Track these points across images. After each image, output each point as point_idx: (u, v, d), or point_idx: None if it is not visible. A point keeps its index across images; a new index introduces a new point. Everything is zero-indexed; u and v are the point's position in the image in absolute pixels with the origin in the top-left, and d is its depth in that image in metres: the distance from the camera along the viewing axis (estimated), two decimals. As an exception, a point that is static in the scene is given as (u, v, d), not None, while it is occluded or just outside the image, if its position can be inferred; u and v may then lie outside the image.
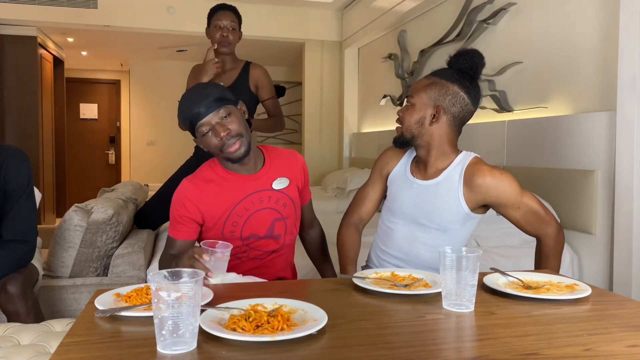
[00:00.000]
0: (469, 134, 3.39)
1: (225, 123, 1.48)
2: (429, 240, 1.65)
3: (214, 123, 1.48)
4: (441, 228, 1.62)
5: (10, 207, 1.79)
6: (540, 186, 2.67)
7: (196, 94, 1.50)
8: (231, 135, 1.48)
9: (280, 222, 1.64)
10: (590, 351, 0.92)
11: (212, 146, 1.50)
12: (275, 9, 5.57)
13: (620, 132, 2.24)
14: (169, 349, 0.89)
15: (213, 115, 1.47)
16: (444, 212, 1.60)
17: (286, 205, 1.64)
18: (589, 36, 2.56)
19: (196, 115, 1.47)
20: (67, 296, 2.18)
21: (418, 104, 1.59)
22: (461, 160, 1.62)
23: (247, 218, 1.58)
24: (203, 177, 1.58)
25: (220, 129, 1.47)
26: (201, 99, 1.47)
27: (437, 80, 1.59)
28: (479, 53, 1.61)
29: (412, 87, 1.63)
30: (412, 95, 1.61)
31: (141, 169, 7.38)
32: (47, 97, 5.98)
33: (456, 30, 3.61)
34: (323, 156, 5.92)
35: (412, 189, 1.66)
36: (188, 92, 1.55)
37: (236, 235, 1.59)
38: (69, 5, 5.00)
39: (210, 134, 1.49)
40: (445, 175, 1.61)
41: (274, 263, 1.70)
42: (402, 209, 1.68)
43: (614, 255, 2.29)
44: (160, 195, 2.87)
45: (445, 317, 1.10)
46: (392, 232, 1.71)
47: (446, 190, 1.60)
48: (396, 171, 1.73)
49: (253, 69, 2.79)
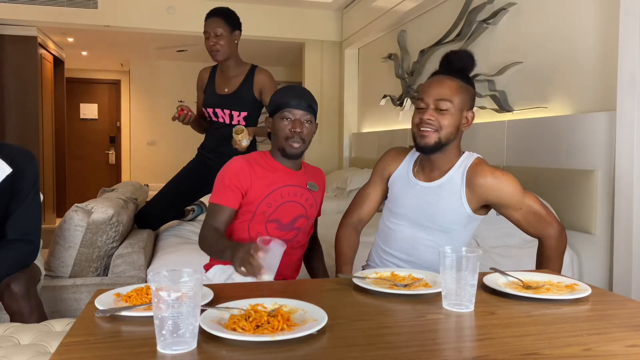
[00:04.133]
0: (469, 134, 3.39)
1: (306, 125, 1.72)
2: (431, 242, 1.65)
3: (299, 117, 1.71)
4: (443, 229, 1.63)
5: (15, 207, 1.79)
6: (540, 186, 2.67)
7: (307, 93, 1.75)
8: (301, 137, 1.71)
9: (302, 219, 1.79)
10: (590, 351, 0.92)
11: (283, 131, 1.71)
12: (275, 9, 5.57)
13: (620, 132, 2.24)
14: (169, 348, 0.89)
15: (303, 113, 1.71)
16: (446, 214, 1.60)
17: (312, 206, 1.81)
18: (589, 36, 2.56)
19: (295, 103, 1.71)
20: (67, 296, 2.18)
21: (452, 109, 1.56)
22: (464, 161, 1.62)
23: (280, 204, 1.74)
24: (254, 159, 1.77)
25: (300, 126, 1.70)
26: (306, 98, 1.73)
27: (461, 83, 1.58)
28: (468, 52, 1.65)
29: (440, 90, 1.56)
30: (449, 99, 1.55)
31: (141, 169, 7.38)
32: (47, 97, 5.98)
33: (456, 30, 3.61)
34: (323, 156, 5.91)
35: (414, 190, 1.66)
36: (302, 87, 1.80)
37: (266, 216, 1.73)
38: (69, 5, 5.00)
39: (287, 122, 1.71)
40: (448, 177, 1.61)
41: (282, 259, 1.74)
42: (404, 211, 1.68)
43: (614, 255, 2.28)
44: (162, 195, 2.87)
45: (445, 317, 1.10)
46: (393, 232, 1.71)
47: (449, 192, 1.60)
48: (398, 173, 1.73)
49: (258, 74, 2.74)
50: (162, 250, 2.56)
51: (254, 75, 2.74)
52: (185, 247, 2.53)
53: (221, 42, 2.67)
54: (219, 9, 2.72)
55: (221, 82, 2.80)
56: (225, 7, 2.74)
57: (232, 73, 2.77)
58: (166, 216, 2.91)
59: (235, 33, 2.72)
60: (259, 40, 5.63)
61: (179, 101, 7.14)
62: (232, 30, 2.71)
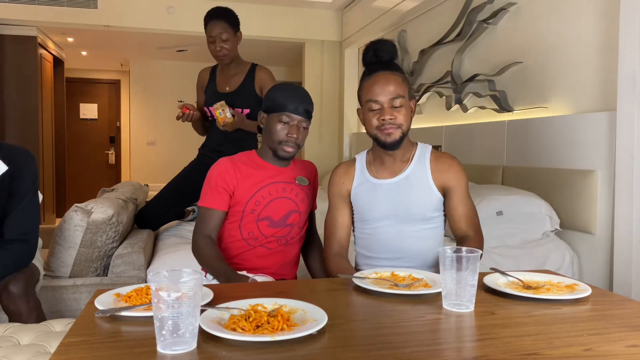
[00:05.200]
0: (469, 134, 3.40)
1: (301, 131, 1.73)
2: (416, 232, 1.66)
3: (296, 123, 1.71)
4: (425, 219, 1.66)
5: (13, 207, 1.79)
6: (540, 186, 2.67)
7: (305, 97, 1.74)
8: (296, 142, 1.71)
9: (295, 214, 1.79)
10: (590, 351, 0.92)
11: (278, 133, 1.70)
12: (276, 9, 5.57)
13: (620, 132, 2.24)
14: (169, 349, 0.89)
15: (301, 119, 1.72)
16: (422, 204, 1.64)
17: (304, 200, 1.82)
18: (589, 36, 2.56)
19: (294, 108, 1.70)
20: (67, 296, 2.18)
21: (404, 102, 1.61)
22: (421, 152, 1.69)
23: (268, 201, 1.75)
24: (240, 159, 1.79)
25: (296, 131, 1.71)
26: (305, 103, 1.72)
27: (401, 75, 1.64)
28: (388, 40, 1.70)
29: (390, 88, 1.60)
30: (401, 95, 1.60)
31: (141, 169, 7.38)
32: (47, 97, 5.98)
33: (456, 30, 3.61)
34: (323, 156, 5.91)
35: (382, 190, 1.67)
36: (301, 88, 1.78)
37: (256, 214, 1.74)
38: (69, 5, 5.00)
39: (285, 125, 1.70)
40: (412, 168, 1.66)
41: (277, 257, 1.79)
42: (379, 213, 1.67)
43: (614, 255, 2.28)
44: (162, 195, 2.87)
45: (445, 317, 1.10)
46: (375, 237, 1.70)
47: (417, 181, 1.65)
48: (356, 185, 1.72)
49: (259, 72, 2.76)
50: (162, 250, 2.56)
51: (254, 73, 2.76)
52: (185, 247, 2.53)
53: (227, 45, 2.69)
54: (221, 11, 2.71)
55: (222, 81, 2.81)
56: (225, 8, 2.73)
57: (232, 72, 2.78)
58: (166, 216, 2.91)
59: (238, 34, 2.75)
60: (259, 40, 5.62)
61: (179, 101, 7.14)
62: (236, 32, 2.73)
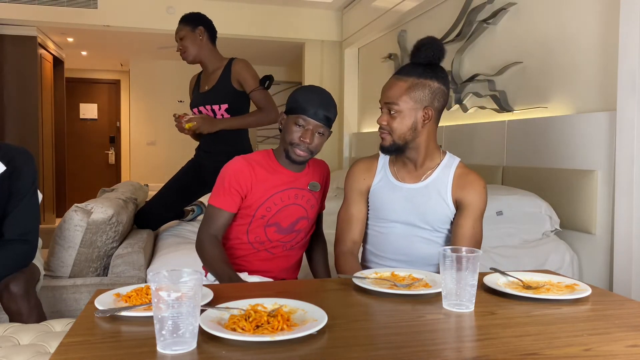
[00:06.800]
0: (470, 134, 3.40)
1: (317, 136, 1.66)
2: (427, 237, 1.66)
3: (312, 128, 1.64)
4: (435, 229, 1.65)
5: (13, 207, 1.79)
6: (540, 186, 2.67)
7: (327, 102, 1.66)
8: (309, 148, 1.65)
9: (303, 221, 1.76)
10: (590, 351, 0.92)
11: (292, 136, 1.64)
12: (276, 9, 5.57)
13: (620, 132, 2.24)
14: (169, 349, 0.89)
15: (318, 124, 1.64)
16: (435, 214, 1.62)
17: (314, 207, 1.78)
18: (589, 36, 2.56)
19: (313, 112, 1.63)
20: (67, 296, 2.18)
21: (405, 110, 1.57)
22: (448, 162, 1.65)
23: (280, 208, 1.70)
24: (256, 160, 1.72)
25: (310, 136, 1.64)
26: (326, 109, 1.65)
27: (415, 80, 1.57)
28: (437, 40, 1.64)
29: (389, 93, 1.59)
30: (395, 102, 1.57)
31: (141, 169, 7.38)
32: (47, 97, 5.98)
33: (456, 30, 3.61)
34: (323, 156, 5.85)
35: (402, 193, 1.65)
36: (324, 92, 1.69)
37: (265, 220, 1.70)
38: (69, 5, 4.99)
39: (299, 128, 1.64)
40: (434, 177, 1.63)
41: (280, 262, 1.77)
42: (394, 215, 1.66)
43: (614, 255, 2.28)
44: (161, 195, 2.87)
45: (445, 317, 1.10)
46: (386, 236, 1.69)
47: (435, 192, 1.62)
48: (377, 182, 1.70)
49: (234, 66, 2.73)
50: (162, 250, 2.56)
51: (230, 67, 2.74)
52: (185, 247, 2.53)
53: (185, 43, 2.71)
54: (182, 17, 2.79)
55: (204, 82, 2.84)
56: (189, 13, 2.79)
57: (211, 70, 2.80)
58: (165, 216, 2.91)
59: (197, 30, 2.72)
60: (259, 40, 5.62)
61: (178, 101, 7.14)
62: (193, 29, 2.72)
